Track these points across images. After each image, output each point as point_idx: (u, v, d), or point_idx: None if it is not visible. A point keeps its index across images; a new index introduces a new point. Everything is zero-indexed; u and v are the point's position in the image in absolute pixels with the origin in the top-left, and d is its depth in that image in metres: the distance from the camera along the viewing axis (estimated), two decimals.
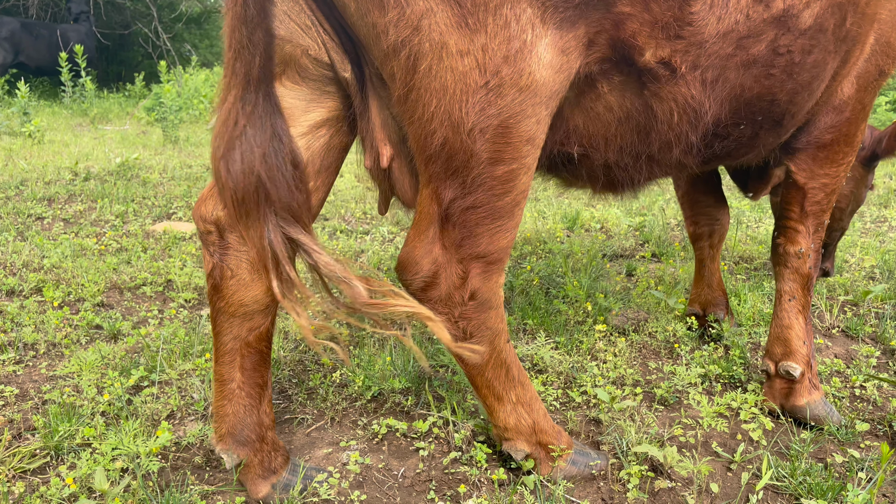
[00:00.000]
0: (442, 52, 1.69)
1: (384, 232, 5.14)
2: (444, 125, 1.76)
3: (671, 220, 5.74)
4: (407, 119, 1.82)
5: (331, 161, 1.99)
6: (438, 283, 1.99)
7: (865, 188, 4.02)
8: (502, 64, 1.69)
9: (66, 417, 2.42)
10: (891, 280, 4.23)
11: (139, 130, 10.26)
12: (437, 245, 1.96)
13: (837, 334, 3.53)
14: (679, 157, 2.17)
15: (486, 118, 1.75)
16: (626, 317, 3.59)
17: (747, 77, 2.04)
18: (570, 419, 2.64)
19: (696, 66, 1.92)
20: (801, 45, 2.05)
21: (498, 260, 1.99)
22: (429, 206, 1.93)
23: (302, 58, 1.85)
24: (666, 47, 1.86)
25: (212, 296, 2.00)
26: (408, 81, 1.74)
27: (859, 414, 2.74)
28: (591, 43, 1.81)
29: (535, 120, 1.80)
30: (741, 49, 1.95)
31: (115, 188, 6.10)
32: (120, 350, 3.03)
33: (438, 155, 1.82)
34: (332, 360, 3.05)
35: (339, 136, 1.97)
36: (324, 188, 2.01)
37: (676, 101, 1.97)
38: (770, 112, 2.20)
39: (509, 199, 1.89)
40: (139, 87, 13.53)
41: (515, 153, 1.82)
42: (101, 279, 3.86)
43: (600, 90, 1.93)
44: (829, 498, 2.16)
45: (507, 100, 1.73)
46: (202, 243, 2.01)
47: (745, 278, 4.29)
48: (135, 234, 4.86)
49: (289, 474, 2.19)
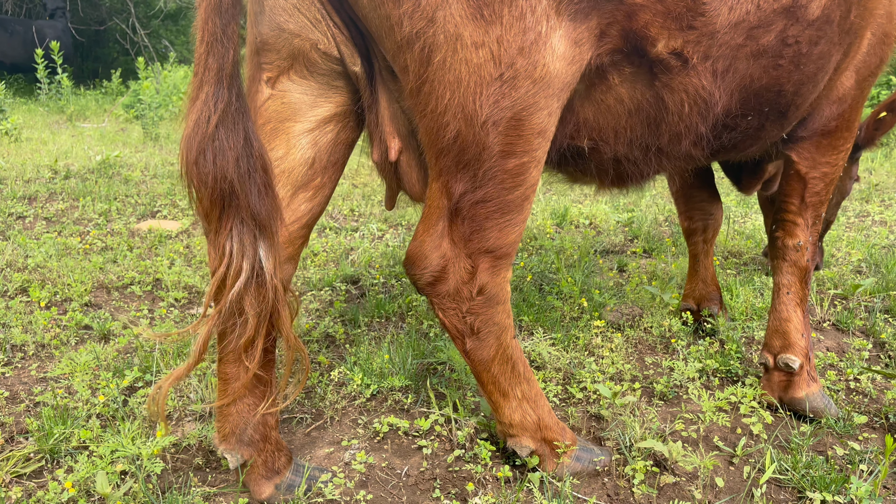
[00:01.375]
0: (457, 44, 1.67)
1: (373, 229, 5.11)
2: (457, 118, 1.75)
3: (658, 215, 5.76)
4: (419, 112, 1.80)
5: (337, 157, 1.96)
6: (447, 277, 1.98)
7: (850, 180, 4.08)
8: (517, 56, 1.68)
9: (60, 420, 2.37)
10: (878, 274, 4.28)
11: (118, 128, 10.12)
12: (446, 239, 1.95)
13: (829, 328, 3.56)
14: (688, 149, 2.17)
15: (499, 110, 1.74)
16: (620, 312, 3.59)
17: (756, 67, 2.04)
18: (570, 415, 2.63)
19: (708, 56, 1.92)
20: (809, 35, 2.06)
21: (506, 254, 1.98)
22: (438, 199, 1.92)
23: (311, 52, 1.82)
24: (678, 38, 1.85)
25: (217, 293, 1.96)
26: (421, 74, 1.72)
27: (856, 406, 2.76)
28: (602, 34, 1.80)
29: (547, 112, 1.79)
30: (751, 39, 1.96)
31: (97, 186, 6.00)
32: (112, 350, 2.97)
33: (450, 148, 1.80)
34: (328, 358, 3.01)
35: (345, 131, 1.94)
36: (330, 184, 1.98)
37: (687, 91, 1.97)
38: (777, 103, 2.21)
39: (519, 192, 1.87)
40: (116, 83, 13.34)
41: (527, 146, 1.81)
42: (87, 279, 3.79)
43: (611, 82, 1.92)
44: (833, 491, 2.17)
45: (521, 92, 1.72)
46: (207, 241, 1.97)
47: (736, 273, 4.32)
48: (119, 233, 4.78)
49: (292, 475, 2.16)
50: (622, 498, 2.20)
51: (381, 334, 3.28)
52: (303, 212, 1.94)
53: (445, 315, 2.05)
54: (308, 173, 1.92)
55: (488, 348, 2.09)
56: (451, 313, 2.04)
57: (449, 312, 2.04)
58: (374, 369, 2.81)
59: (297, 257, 2.00)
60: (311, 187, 1.93)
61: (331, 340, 3.24)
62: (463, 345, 2.10)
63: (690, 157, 2.28)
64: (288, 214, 1.92)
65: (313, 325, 3.33)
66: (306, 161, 1.91)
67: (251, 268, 1.73)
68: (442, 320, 2.08)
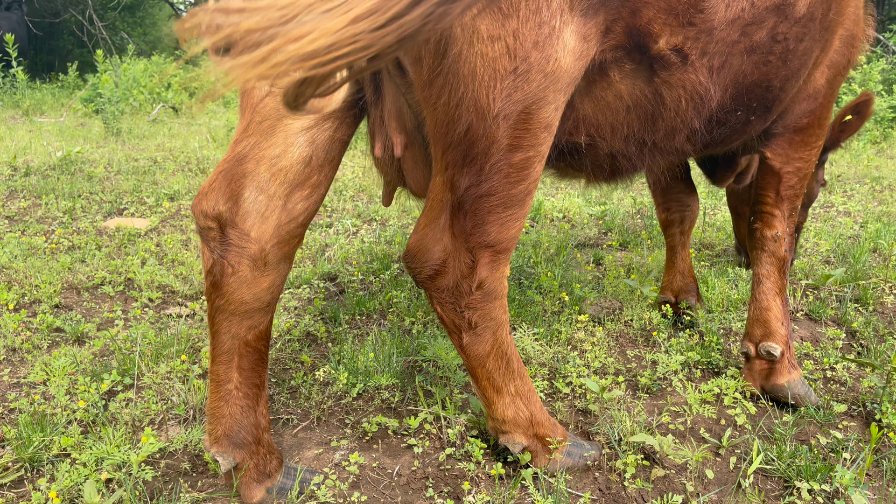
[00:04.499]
0: (473, 37, 1.67)
1: (347, 225, 5.06)
2: (470, 111, 1.74)
3: (630, 208, 5.81)
4: (430, 105, 1.79)
5: (334, 155, 1.93)
6: (447, 271, 1.98)
7: (817, 183, 4.16)
8: (532, 49, 1.69)
9: (38, 427, 2.30)
10: (845, 263, 4.38)
11: (77, 122, 9.86)
12: (448, 233, 1.95)
13: (802, 318, 3.63)
14: (681, 144, 2.21)
15: (511, 104, 1.74)
16: (600, 306, 3.61)
17: (748, 63, 2.09)
18: (558, 410, 2.63)
19: (705, 52, 1.96)
20: (796, 32, 2.12)
21: (506, 249, 1.98)
22: (442, 193, 1.91)
23: None
24: (679, 34, 1.88)
25: (210, 293, 1.92)
26: (436, 67, 1.71)
27: (834, 395, 2.82)
28: (607, 30, 1.82)
29: (554, 107, 1.80)
30: (745, 36, 2.01)
31: (60, 183, 5.84)
32: (88, 353, 2.89)
33: (460, 142, 1.79)
34: (311, 357, 2.97)
35: (342, 128, 1.91)
36: (326, 182, 1.94)
37: (685, 87, 2.00)
38: (764, 98, 2.26)
39: (523, 187, 1.88)
40: (73, 77, 13.01)
41: (533, 140, 1.82)
42: (56, 279, 3.69)
43: (612, 78, 1.93)
44: (819, 479, 2.22)
45: (533, 86, 1.73)
46: (201, 239, 1.93)
47: (710, 265, 4.38)
48: (86, 232, 4.66)
49: (283, 478, 2.12)
50: (614, 492, 2.21)
51: (363, 332, 3.25)
52: (299, 211, 1.91)
53: (443, 309, 2.04)
54: (305, 171, 1.88)
55: (484, 343, 2.09)
56: (449, 308, 2.03)
57: (447, 307, 2.03)
58: (360, 368, 2.78)
59: (291, 257, 1.97)
60: (307, 185, 1.90)
61: (312, 339, 3.20)
62: (459, 340, 2.09)
63: (682, 153, 2.32)
64: (284, 214, 1.89)
65: (294, 324, 3.28)
66: (303, 159, 1.87)
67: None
68: (440, 314, 2.07)
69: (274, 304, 1.99)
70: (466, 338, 2.08)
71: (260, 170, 1.86)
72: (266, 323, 1.99)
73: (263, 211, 1.87)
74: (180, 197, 5.70)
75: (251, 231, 1.87)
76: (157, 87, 11.88)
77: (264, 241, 1.88)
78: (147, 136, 8.86)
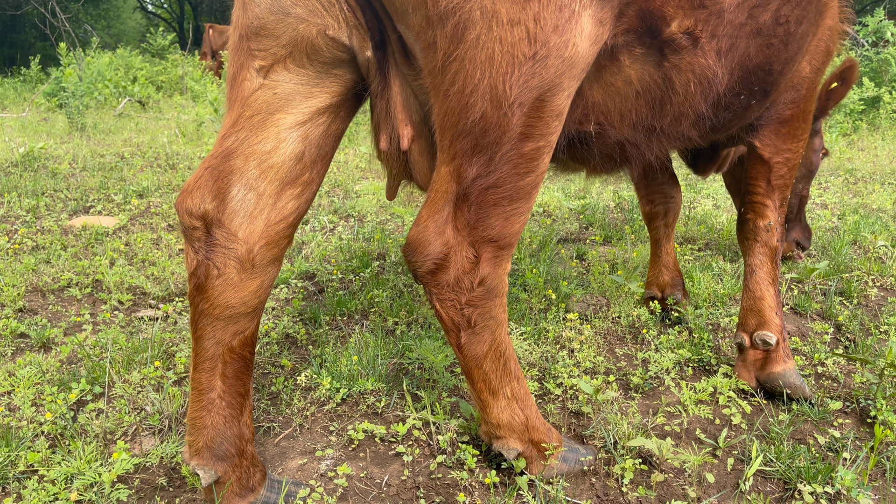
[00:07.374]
0: (493, 21, 1.60)
1: (324, 221, 4.93)
2: (484, 98, 1.67)
3: (610, 202, 5.76)
4: (441, 92, 1.71)
5: (327, 150, 1.82)
6: (448, 266, 1.88)
7: (813, 152, 4.18)
8: (552, 34, 1.62)
9: (3, 441, 2.16)
10: (827, 256, 4.36)
11: (40, 117, 9.57)
12: (451, 226, 1.86)
13: (788, 312, 3.59)
14: (688, 129, 2.20)
15: (527, 91, 1.67)
16: (586, 303, 3.54)
17: (753, 46, 2.07)
18: (550, 412, 2.55)
19: (714, 35, 1.93)
20: (797, 15, 2.12)
21: (509, 245, 1.90)
22: (447, 184, 1.82)
23: (317, 38, 1.70)
24: (691, 17, 1.86)
25: (194, 296, 1.80)
26: (451, 52, 1.63)
27: (827, 392, 2.77)
28: (620, 14, 1.77)
29: (567, 94, 1.74)
30: (752, 18, 1.99)
31: (22, 181, 5.63)
32: (54, 361, 2.74)
33: (471, 130, 1.72)
34: (291, 360, 2.86)
35: (336, 122, 1.81)
36: (318, 180, 1.84)
37: (694, 71, 1.97)
38: (765, 81, 2.25)
39: (531, 178, 1.81)
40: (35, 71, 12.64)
41: (545, 129, 1.75)
42: (19, 281, 3.52)
43: (622, 63, 1.90)
44: (821, 481, 2.16)
45: (551, 72, 1.67)
46: (185, 239, 1.80)
47: (694, 259, 4.33)
48: (51, 231, 4.48)
49: (267, 491, 2.01)
50: (612, 498, 2.13)
51: (345, 333, 3.14)
52: (289, 210, 1.79)
53: (443, 306, 1.95)
54: (297, 168, 1.77)
55: (482, 343, 2.00)
56: (448, 304, 1.94)
57: (447, 304, 1.94)
58: (343, 371, 2.67)
59: (280, 259, 1.85)
60: (298, 183, 1.78)
61: (292, 341, 3.08)
62: (457, 338, 2.00)
63: (687, 138, 2.30)
64: (274, 213, 1.77)
65: (272, 326, 3.16)
66: (296, 156, 1.76)
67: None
68: (438, 312, 1.97)
69: (261, 308, 1.88)
70: (464, 337, 1.98)
71: (249, 166, 1.75)
72: (252, 328, 1.88)
73: (252, 210, 1.76)
74: (149, 194, 5.53)
75: (239, 231, 1.76)
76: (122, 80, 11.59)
77: (252, 241, 1.77)
78: (113, 131, 8.62)
